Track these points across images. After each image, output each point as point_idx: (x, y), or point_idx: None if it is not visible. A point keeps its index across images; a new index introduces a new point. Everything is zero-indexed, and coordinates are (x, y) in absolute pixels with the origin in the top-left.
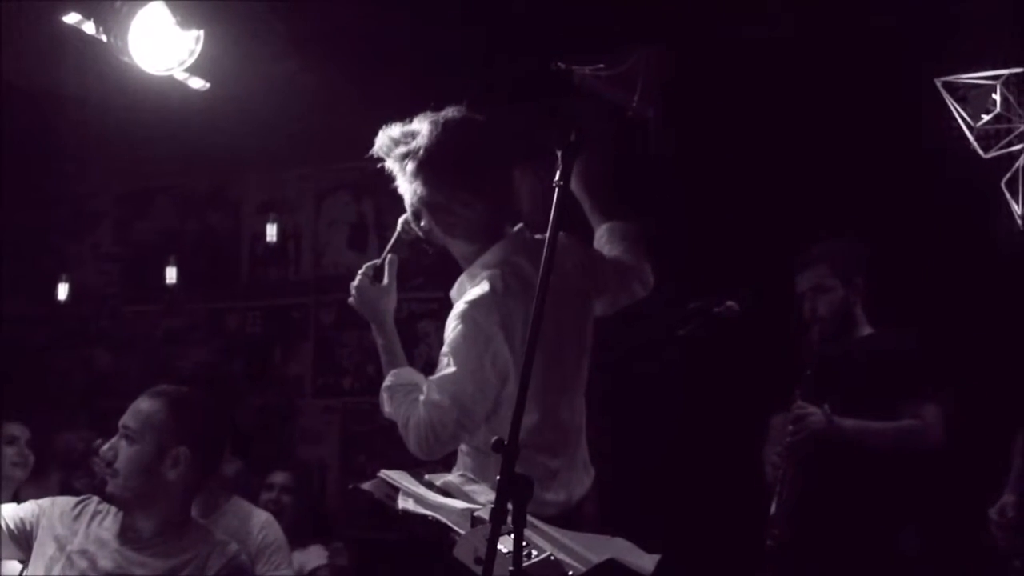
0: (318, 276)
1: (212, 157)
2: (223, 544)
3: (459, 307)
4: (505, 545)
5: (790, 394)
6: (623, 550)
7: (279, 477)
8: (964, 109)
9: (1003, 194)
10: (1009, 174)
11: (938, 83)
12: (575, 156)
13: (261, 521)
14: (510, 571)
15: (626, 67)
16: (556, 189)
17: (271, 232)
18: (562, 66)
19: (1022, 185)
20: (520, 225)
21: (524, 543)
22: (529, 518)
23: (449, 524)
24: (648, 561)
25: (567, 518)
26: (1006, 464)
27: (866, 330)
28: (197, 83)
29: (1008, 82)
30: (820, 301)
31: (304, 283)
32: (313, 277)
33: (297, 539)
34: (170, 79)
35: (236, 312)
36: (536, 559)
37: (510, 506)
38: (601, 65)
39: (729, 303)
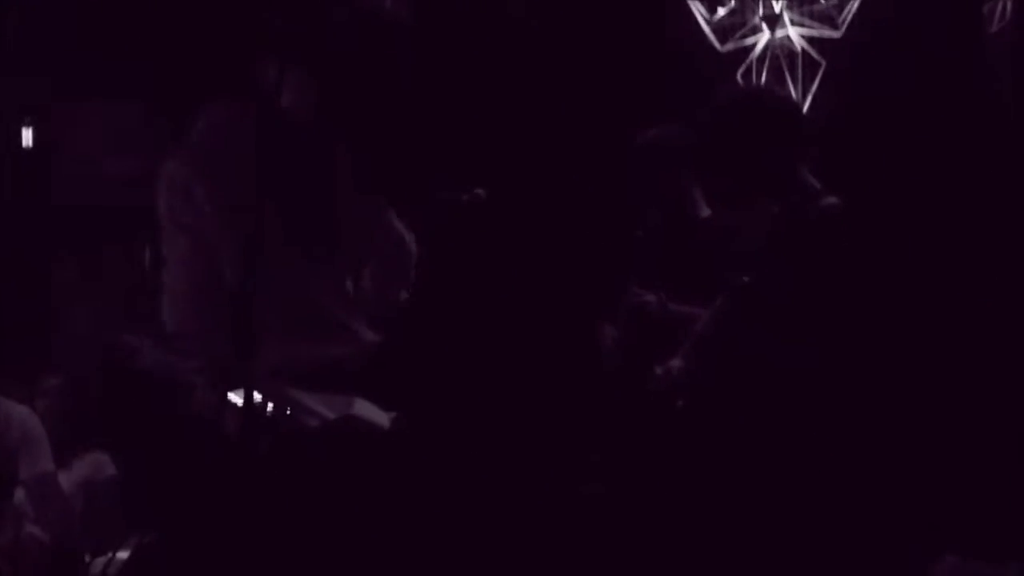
0: None
1: None
2: None
3: None
4: (237, 398)
5: (626, 279)
6: (361, 408)
7: (52, 381)
8: (702, 3)
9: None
10: (744, 66)
11: None
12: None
13: (20, 415)
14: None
15: None
16: None
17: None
18: None
19: (756, 76)
20: None
21: (258, 398)
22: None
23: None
24: (384, 418)
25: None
26: None
27: (705, 212)
28: None
29: None
30: (659, 185)
31: None
32: None
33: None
34: None
35: None
36: (271, 412)
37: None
38: None
39: (477, 190)
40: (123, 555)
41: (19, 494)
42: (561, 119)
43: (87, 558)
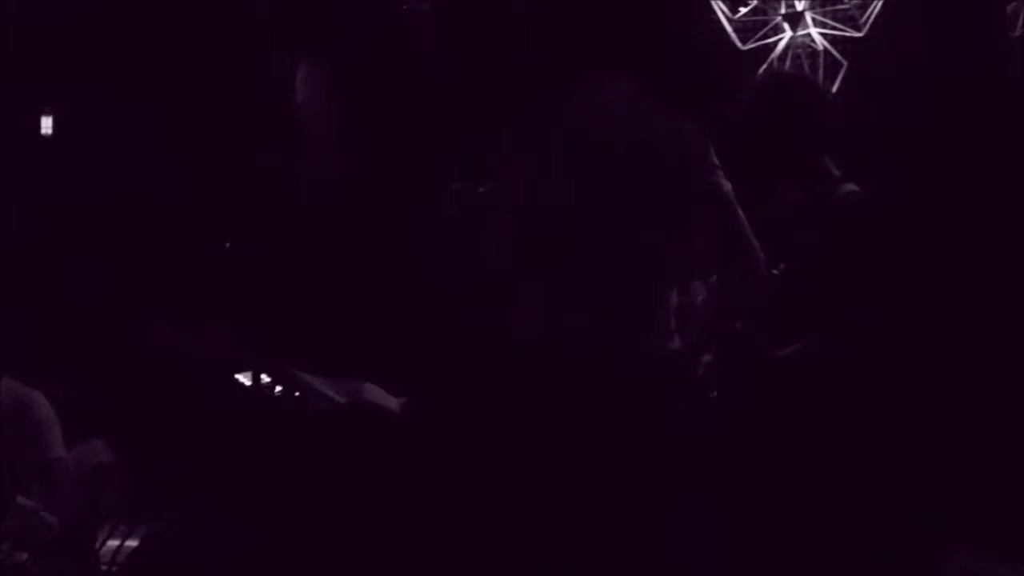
0: None
1: None
2: None
3: None
4: (246, 379)
5: None
6: (371, 392)
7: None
8: (724, 2)
9: None
10: (765, 65)
11: None
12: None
13: (34, 400)
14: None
15: None
16: None
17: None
18: None
19: None
20: None
21: (267, 379)
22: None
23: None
24: (394, 403)
25: None
26: None
27: None
28: None
29: None
30: None
31: None
32: None
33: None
34: None
35: None
36: (278, 392)
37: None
38: None
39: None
40: (132, 543)
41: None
42: None
43: (97, 545)
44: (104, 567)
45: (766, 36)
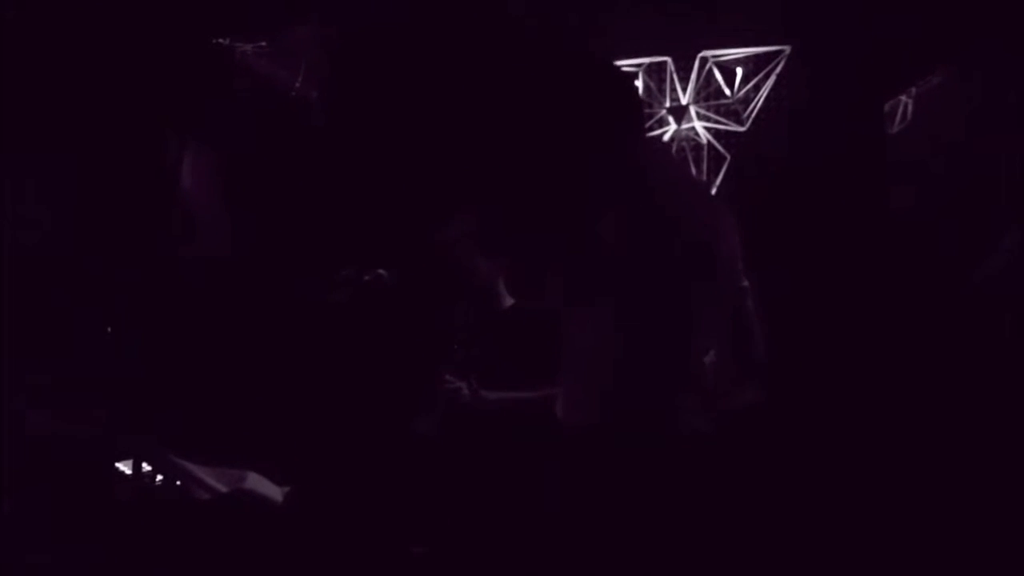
0: None
1: None
2: None
3: None
4: (127, 467)
5: (438, 369)
6: (254, 482)
7: None
8: None
9: None
10: None
11: None
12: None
13: None
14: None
15: (289, 46)
16: None
17: None
18: (224, 43)
19: None
20: None
21: (147, 467)
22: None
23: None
24: (277, 492)
25: None
26: None
27: (508, 302)
28: None
29: (650, 69)
30: (467, 275)
31: None
32: None
33: None
34: None
35: None
36: (160, 483)
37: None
38: (263, 44)
39: (380, 271)
40: None
41: None
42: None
43: None
44: None
45: (651, 129)
